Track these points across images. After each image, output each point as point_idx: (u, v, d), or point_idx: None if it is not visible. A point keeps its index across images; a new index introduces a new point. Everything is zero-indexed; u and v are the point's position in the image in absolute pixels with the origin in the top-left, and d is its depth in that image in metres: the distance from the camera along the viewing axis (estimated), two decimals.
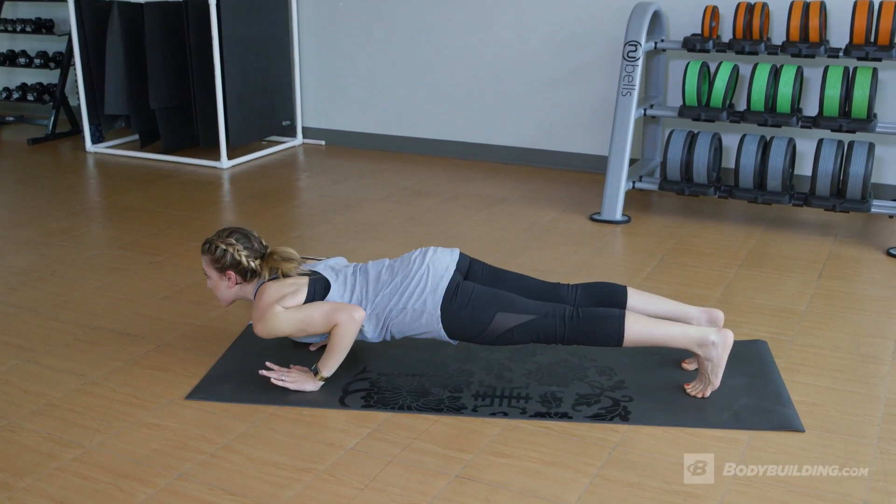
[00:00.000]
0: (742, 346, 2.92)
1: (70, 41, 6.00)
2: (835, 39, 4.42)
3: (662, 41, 4.54)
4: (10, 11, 6.88)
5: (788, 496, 2.16)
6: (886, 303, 3.35)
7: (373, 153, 5.82)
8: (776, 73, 4.12)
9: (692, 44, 4.35)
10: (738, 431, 2.44)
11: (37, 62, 6.56)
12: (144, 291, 3.49)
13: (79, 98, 5.86)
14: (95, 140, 5.97)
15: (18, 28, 6.57)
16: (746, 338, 3.01)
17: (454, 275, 2.67)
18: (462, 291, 2.62)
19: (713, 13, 4.37)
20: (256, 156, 5.73)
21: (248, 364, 2.82)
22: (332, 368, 2.66)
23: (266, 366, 2.72)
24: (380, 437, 2.44)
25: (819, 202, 4.07)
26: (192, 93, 5.53)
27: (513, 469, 2.29)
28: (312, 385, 2.67)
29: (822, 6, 4.12)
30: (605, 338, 2.56)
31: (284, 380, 2.67)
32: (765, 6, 4.26)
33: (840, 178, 4.01)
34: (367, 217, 4.47)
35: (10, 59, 6.67)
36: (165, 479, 2.25)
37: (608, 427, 2.47)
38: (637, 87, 4.32)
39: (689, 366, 2.78)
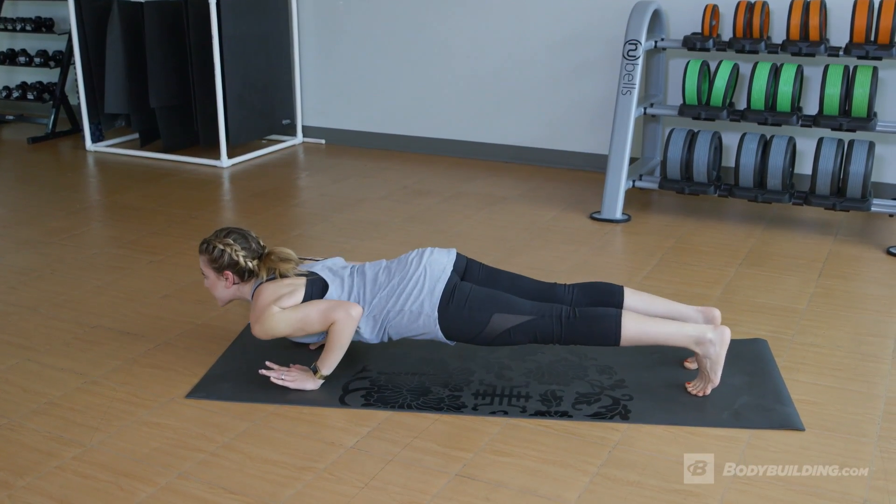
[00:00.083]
0: (742, 345, 2.92)
1: (70, 40, 6.00)
2: (835, 38, 4.42)
3: (662, 40, 4.54)
4: (10, 10, 6.88)
5: (789, 495, 2.16)
6: (886, 301, 3.35)
7: (373, 152, 5.82)
8: (776, 72, 4.12)
9: (692, 42, 4.35)
10: (739, 430, 2.44)
11: (37, 61, 6.56)
12: (144, 290, 3.49)
13: (79, 97, 5.86)
14: (95, 139, 5.97)
15: (18, 27, 6.57)
16: (746, 336, 3.01)
17: (451, 276, 2.67)
18: (459, 293, 2.62)
19: (713, 12, 4.37)
20: (256, 155, 5.73)
21: (249, 363, 2.82)
22: (332, 366, 2.66)
23: (266, 365, 2.72)
24: (380, 436, 2.44)
25: (819, 201, 4.07)
26: (192, 92, 5.52)
27: (513, 468, 2.29)
28: (312, 384, 2.67)
29: (823, 5, 4.12)
30: (602, 337, 2.56)
31: (284, 379, 2.67)
32: (765, 5, 4.25)
33: (840, 177, 4.01)
34: (367, 216, 4.47)
35: (10, 58, 6.67)
36: (165, 478, 2.25)
37: (608, 426, 2.47)
38: (637, 86, 4.32)
39: (691, 365, 2.78)
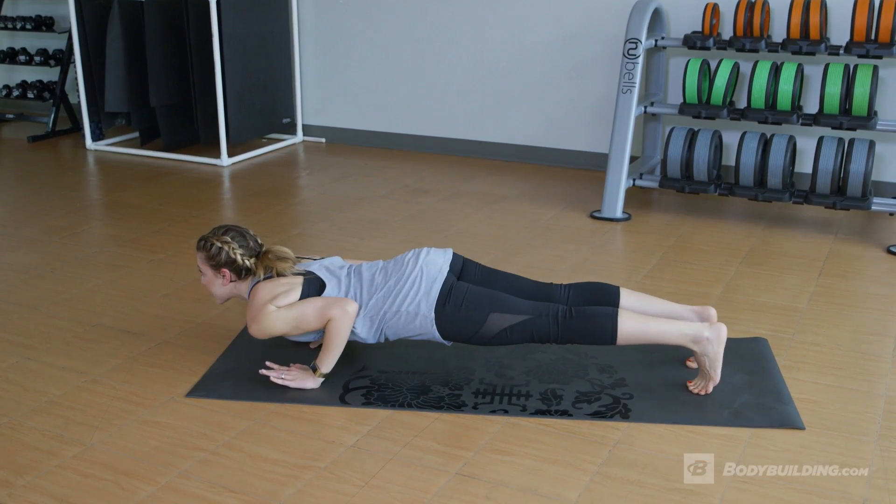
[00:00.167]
0: (742, 344, 2.92)
1: (70, 38, 6.00)
2: (835, 37, 4.41)
3: (663, 39, 4.54)
4: (10, 9, 6.88)
5: (789, 494, 2.16)
6: (887, 300, 3.35)
7: (373, 151, 5.82)
8: (777, 71, 4.12)
9: (693, 41, 4.35)
10: (739, 429, 2.44)
11: (37, 60, 6.56)
12: (145, 289, 3.49)
13: (79, 95, 5.86)
14: (96, 137, 5.96)
15: (18, 25, 6.57)
16: (747, 335, 3.01)
17: (448, 276, 2.67)
18: (455, 293, 2.62)
19: (714, 11, 4.37)
20: (257, 153, 5.73)
21: (249, 362, 2.82)
22: (331, 364, 2.66)
23: (266, 365, 2.72)
24: (380, 435, 2.44)
25: (819, 200, 4.06)
26: (193, 90, 5.52)
27: (513, 466, 2.29)
28: (312, 382, 2.67)
29: (823, 4, 4.11)
30: (599, 336, 2.56)
31: (284, 378, 2.67)
32: (765, 4, 4.25)
33: (840, 176, 4.01)
34: (368, 215, 4.47)
35: (10, 57, 6.67)
36: (166, 477, 2.26)
37: (608, 425, 2.47)
38: (637, 85, 4.32)
39: (692, 364, 2.78)
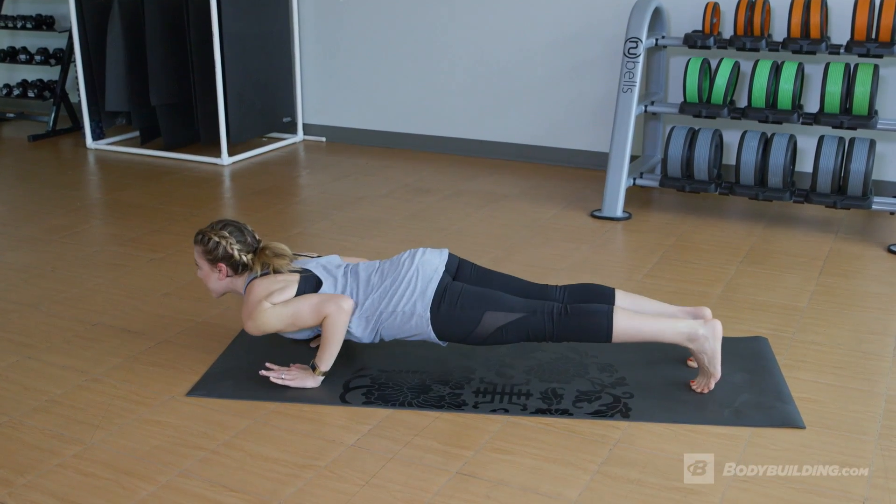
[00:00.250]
0: (743, 343, 2.92)
1: (70, 38, 6.00)
2: (836, 36, 4.41)
3: (663, 38, 4.54)
4: (11, 8, 6.88)
5: (790, 493, 2.16)
6: (887, 299, 3.35)
7: (374, 150, 5.82)
8: (777, 70, 4.12)
9: (693, 40, 4.35)
10: (739, 428, 2.44)
11: (37, 59, 6.56)
12: (145, 288, 3.49)
13: (79, 94, 5.86)
14: (96, 137, 5.96)
15: (19, 24, 6.57)
16: (747, 334, 3.01)
17: (443, 276, 2.67)
18: (450, 292, 2.62)
19: (714, 10, 4.37)
20: (257, 152, 5.73)
21: (249, 361, 2.82)
22: (329, 362, 2.66)
23: (266, 366, 2.72)
24: (380, 434, 2.44)
25: (820, 199, 4.06)
26: (193, 89, 5.52)
27: (513, 466, 2.29)
28: (313, 381, 2.66)
29: (824, 3, 4.11)
30: (594, 333, 2.56)
31: (284, 378, 2.67)
32: (766, 3, 4.25)
33: (841, 175, 4.01)
34: (368, 214, 4.47)
35: (11, 56, 6.67)
36: (166, 476, 2.26)
37: (609, 424, 2.47)
38: (638, 84, 4.32)
39: (693, 363, 2.78)
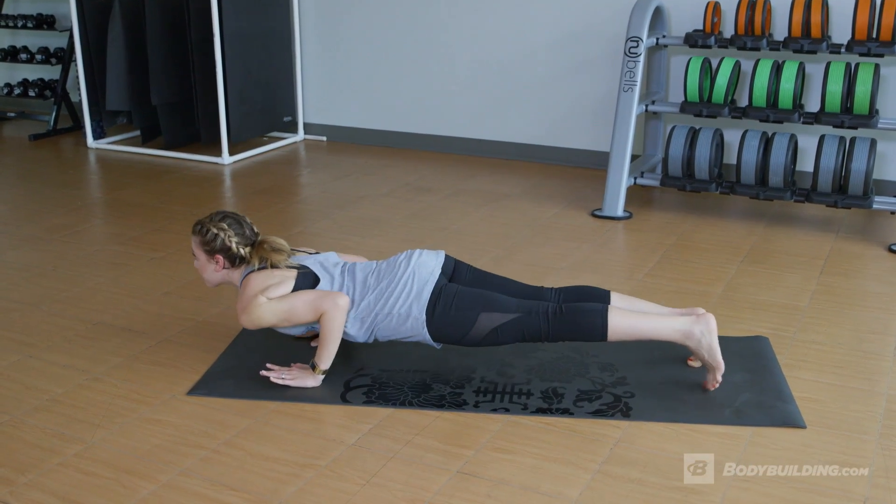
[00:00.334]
0: (743, 343, 2.92)
1: (71, 37, 6.00)
2: (837, 35, 4.41)
3: (664, 37, 4.54)
4: (12, 7, 6.88)
5: (790, 492, 2.16)
6: (888, 299, 3.35)
7: (374, 149, 5.82)
8: (778, 69, 4.12)
9: (694, 40, 4.34)
10: (740, 428, 2.44)
11: (38, 58, 6.56)
12: (146, 287, 3.50)
13: (80, 94, 5.86)
14: (97, 136, 5.96)
15: (20, 24, 6.57)
16: (748, 334, 3.01)
17: (439, 278, 2.67)
18: (446, 294, 2.62)
19: (715, 9, 4.36)
20: (258, 152, 5.73)
21: (250, 360, 2.82)
22: (328, 360, 2.65)
23: (266, 366, 2.72)
24: (381, 433, 2.44)
25: (821, 198, 4.06)
26: (194, 88, 5.52)
27: (514, 465, 2.29)
28: (313, 381, 2.66)
29: (824, 2, 4.11)
30: (589, 332, 2.55)
31: (285, 378, 2.67)
32: (767, 2, 4.25)
33: (842, 175, 4.01)
34: (369, 213, 4.47)
35: (12, 55, 6.67)
36: (167, 475, 2.26)
37: (610, 423, 2.47)
38: (639, 84, 4.32)
39: (694, 363, 2.78)
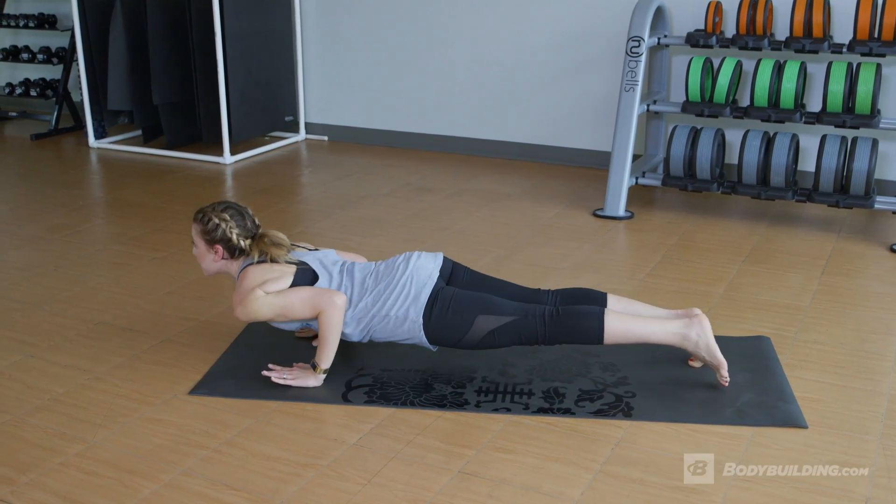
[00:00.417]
0: (745, 343, 2.92)
1: (73, 37, 6.00)
2: (838, 35, 4.40)
3: (666, 37, 4.53)
4: (13, 7, 6.89)
5: (791, 492, 2.16)
6: (890, 299, 3.35)
7: (376, 149, 5.82)
8: (779, 69, 4.11)
9: (695, 39, 4.34)
10: (741, 428, 2.43)
11: (40, 58, 6.56)
12: (147, 287, 3.50)
13: (82, 93, 5.86)
14: (98, 135, 5.97)
15: (21, 23, 6.57)
16: (749, 334, 3.01)
17: (437, 281, 2.67)
18: (443, 297, 2.62)
19: (716, 9, 4.36)
20: (259, 151, 5.73)
21: (251, 360, 2.82)
22: (329, 359, 2.65)
23: (268, 367, 2.72)
24: (382, 433, 2.44)
25: (822, 198, 4.06)
26: (195, 88, 5.52)
27: (515, 465, 2.29)
28: (314, 380, 2.66)
29: (826, 2, 4.11)
30: (586, 335, 2.56)
31: (286, 378, 2.66)
32: (768, 2, 4.24)
33: (843, 174, 4.01)
34: (370, 213, 4.47)
35: (13, 55, 6.68)
36: (168, 475, 2.26)
37: (611, 423, 2.47)
38: (640, 83, 4.32)
39: (694, 363, 2.78)
